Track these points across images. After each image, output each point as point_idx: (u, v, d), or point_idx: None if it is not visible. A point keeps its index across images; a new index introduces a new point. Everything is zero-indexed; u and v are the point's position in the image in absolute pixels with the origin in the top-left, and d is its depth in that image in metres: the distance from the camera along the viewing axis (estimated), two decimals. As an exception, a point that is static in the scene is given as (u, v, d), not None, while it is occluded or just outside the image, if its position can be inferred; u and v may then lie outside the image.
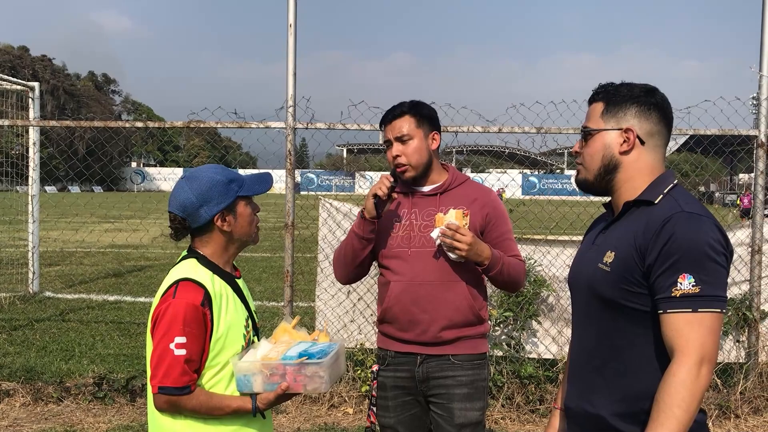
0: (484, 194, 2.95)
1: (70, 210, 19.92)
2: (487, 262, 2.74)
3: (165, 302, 2.12)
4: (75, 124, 5.88)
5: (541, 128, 5.45)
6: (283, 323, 2.39)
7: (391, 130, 2.88)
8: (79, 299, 10.05)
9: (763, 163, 5.32)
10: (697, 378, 1.68)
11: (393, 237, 2.88)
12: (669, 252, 1.74)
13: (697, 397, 1.67)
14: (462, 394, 2.81)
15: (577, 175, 2.05)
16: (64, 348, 7.06)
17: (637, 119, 1.93)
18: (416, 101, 2.95)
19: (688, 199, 1.85)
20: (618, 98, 1.96)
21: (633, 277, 1.81)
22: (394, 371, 2.89)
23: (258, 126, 5.51)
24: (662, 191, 1.88)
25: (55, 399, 5.42)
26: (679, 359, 1.70)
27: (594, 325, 1.95)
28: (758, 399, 5.26)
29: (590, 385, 1.95)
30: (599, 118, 1.97)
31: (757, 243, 5.31)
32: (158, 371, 2.07)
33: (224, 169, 2.30)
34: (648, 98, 1.94)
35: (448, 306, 2.78)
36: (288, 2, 5.28)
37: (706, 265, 1.72)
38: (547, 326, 5.50)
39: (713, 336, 1.71)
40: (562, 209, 6.85)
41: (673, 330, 1.72)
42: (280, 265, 13.34)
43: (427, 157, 2.87)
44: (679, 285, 1.72)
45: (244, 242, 2.33)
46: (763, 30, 5.26)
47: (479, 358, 2.89)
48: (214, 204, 2.20)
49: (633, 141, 1.92)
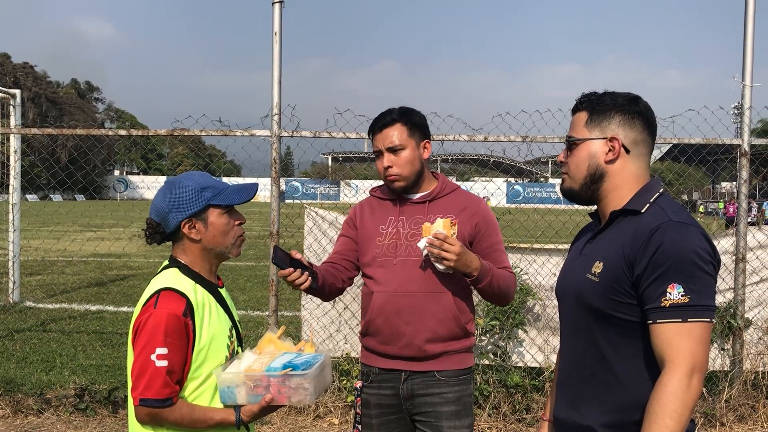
0: (474, 203, 2.85)
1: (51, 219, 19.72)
2: (476, 274, 2.61)
3: (146, 312, 2.07)
4: (57, 131, 5.81)
5: (526, 137, 5.46)
6: (268, 333, 2.34)
7: (381, 139, 2.77)
8: (61, 309, 9.92)
9: (746, 171, 5.36)
10: (688, 388, 1.67)
11: (378, 246, 2.79)
12: (658, 262, 1.73)
13: (688, 407, 1.67)
14: (450, 411, 2.72)
15: (563, 184, 2.04)
16: (44, 359, 6.95)
17: (621, 128, 1.92)
18: (406, 108, 2.84)
19: (675, 208, 1.84)
20: (602, 107, 1.95)
21: (622, 287, 1.80)
22: (378, 389, 2.81)
23: (243, 134, 5.47)
24: (648, 200, 1.87)
25: (36, 411, 5.32)
26: (669, 370, 1.69)
27: (583, 336, 1.94)
28: (743, 407, 5.27)
29: (580, 395, 1.94)
30: (583, 127, 1.97)
31: (741, 251, 5.34)
32: (139, 383, 2.03)
33: (202, 177, 2.25)
34: (632, 107, 1.94)
35: (433, 318, 2.69)
36: (273, 10, 5.26)
37: (695, 275, 1.72)
38: (533, 335, 5.49)
39: (703, 346, 1.70)
40: (548, 218, 6.86)
41: (663, 340, 1.72)
42: (265, 274, 13.30)
43: (419, 166, 2.79)
44: (668, 295, 1.71)
45: (220, 253, 2.25)
46: (745, 40, 5.32)
47: (465, 373, 2.80)
48: (182, 210, 2.16)
49: (618, 150, 1.91)
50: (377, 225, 2.84)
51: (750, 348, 5.45)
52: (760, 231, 5.53)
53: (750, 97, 5.34)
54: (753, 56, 5.32)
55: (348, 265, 2.91)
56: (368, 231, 2.85)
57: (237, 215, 2.28)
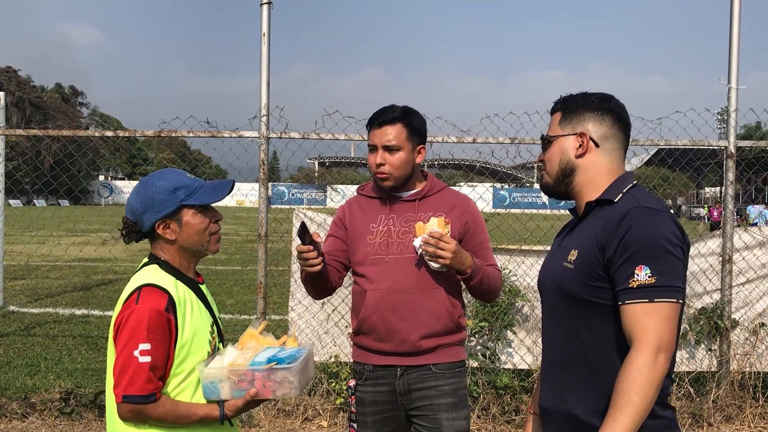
0: (463, 201, 2.90)
1: (36, 223, 19.55)
2: (470, 271, 2.68)
3: (128, 308, 2.06)
4: (43, 133, 5.75)
5: (515, 138, 5.47)
6: (250, 329, 2.33)
7: (379, 135, 2.76)
8: (45, 313, 9.83)
9: (732, 173, 5.40)
10: (654, 366, 1.72)
11: (369, 244, 2.79)
12: (626, 245, 1.79)
13: (655, 384, 1.71)
14: (447, 403, 2.74)
15: (541, 180, 2.15)
16: (29, 363, 6.88)
17: (591, 124, 2.02)
18: (409, 109, 2.84)
19: (647, 197, 1.92)
20: (573, 106, 2.06)
21: (595, 272, 1.87)
22: (373, 386, 2.80)
23: (231, 135, 5.44)
24: (621, 191, 1.95)
25: (20, 415, 5.26)
26: (636, 348, 1.74)
27: (563, 324, 1.99)
28: (730, 407, 5.30)
29: (563, 383, 1.98)
30: (557, 125, 2.07)
31: (727, 252, 5.37)
32: (122, 379, 2.00)
33: (176, 176, 2.21)
34: (602, 104, 2.03)
35: (428, 314, 2.71)
36: (262, 11, 5.25)
37: (662, 257, 1.77)
38: (522, 336, 5.49)
39: (670, 325, 1.76)
40: (536, 220, 6.88)
41: (631, 320, 1.77)
42: (252, 278, 13.24)
43: (410, 169, 2.80)
44: (635, 276, 1.77)
45: (196, 252, 2.24)
46: (731, 43, 5.36)
47: (459, 365, 2.83)
48: (155, 212, 2.14)
49: (587, 144, 2.01)
50: (368, 223, 2.84)
51: (737, 348, 5.48)
52: (747, 232, 5.58)
53: (736, 100, 5.38)
54: (738, 59, 5.37)
55: (338, 266, 2.90)
56: (358, 230, 2.85)
57: (213, 213, 2.25)
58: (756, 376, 5.44)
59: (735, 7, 5.34)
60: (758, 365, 5.47)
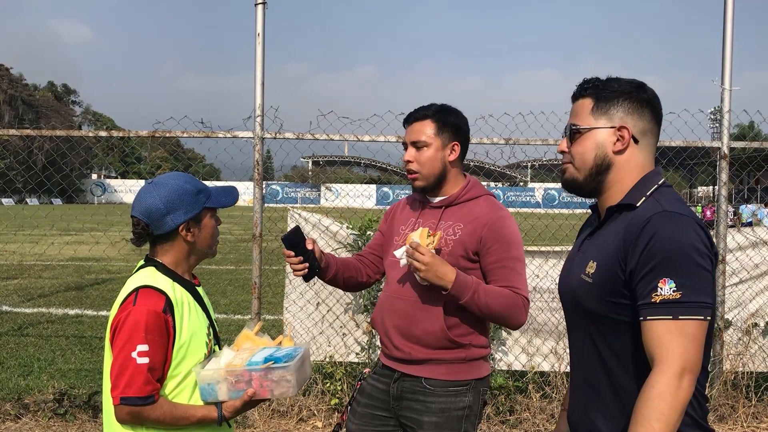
0: (487, 215, 2.66)
1: (29, 222, 19.47)
2: (449, 287, 2.48)
3: (125, 310, 2.05)
4: (36, 132, 5.73)
5: (509, 139, 5.48)
6: (245, 330, 2.34)
7: (410, 132, 2.73)
8: (38, 313, 9.78)
9: (726, 174, 5.42)
10: (678, 390, 1.56)
11: (394, 246, 2.78)
12: (649, 255, 1.63)
13: (677, 410, 1.57)
14: (431, 422, 2.63)
15: (564, 174, 1.92)
16: (22, 363, 6.85)
17: (630, 116, 1.82)
18: (445, 106, 2.75)
19: (672, 199, 1.75)
20: (608, 94, 1.84)
21: (616, 287, 1.72)
22: (375, 381, 2.83)
23: (225, 135, 5.43)
24: (645, 193, 1.78)
25: (13, 416, 5.23)
26: (658, 370, 1.59)
27: (583, 340, 1.87)
28: (723, 407, 5.33)
29: (589, 402, 1.87)
30: (589, 114, 1.85)
31: (720, 253, 5.40)
32: (120, 381, 2.00)
33: (192, 179, 2.26)
34: (640, 94, 1.84)
35: (417, 326, 2.64)
36: (256, 11, 5.23)
37: (689, 269, 1.60)
38: (516, 336, 5.50)
39: (696, 345, 1.60)
40: (530, 221, 6.88)
41: (652, 339, 1.61)
42: (246, 278, 13.23)
43: (440, 167, 2.69)
44: (659, 290, 1.61)
45: (204, 254, 2.29)
46: (724, 44, 5.38)
47: (458, 385, 2.65)
48: (182, 213, 2.16)
49: (628, 140, 1.82)
50: (399, 225, 2.85)
51: (730, 349, 5.51)
52: (740, 233, 5.60)
53: (729, 101, 5.40)
54: (732, 61, 5.39)
55: (375, 260, 2.94)
56: (393, 229, 2.87)
57: (217, 217, 2.33)
58: (749, 376, 5.47)
59: (728, 9, 5.36)
60: (751, 365, 5.50)
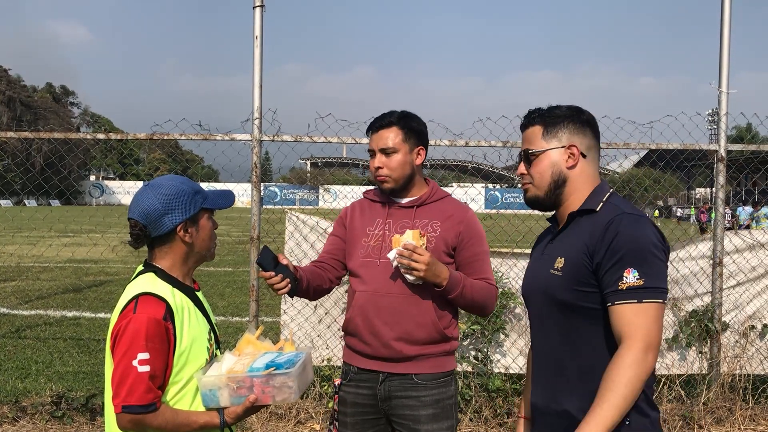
0: (461, 211, 2.87)
1: (27, 224, 19.45)
2: (445, 284, 2.64)
3: (125, 318, 2.04)
4: (34, 135, 5.72)
5: (507, 142, 5.49)
6: (247, 334, 2.33)
7: (377, 139, 2.82)
8: (36, 315, 9.78)
9: (723, 176, 5.44)
10: (644, 362, 1.81)
11: (364, 246, 2.84)
12: (614, 249, 1.89)
13: (641, 379, 1.81)
14: (428, 414, 2.73)
15: (527, 194, 2.18)
16: (20, 366, 6.84)
17: (575, 136, 2.10)
18: (406, 113, 2.89)
19: (626, 204, 2.04)
20: (554, 119, 2.12)
21: (584, 277, 1.95)
22: (356, 388, 2.83)
23: (223, 138, 5.44)
24: (602, 200, 2.06)
25: (10, 419, 5.23)
26: (626, 345, 1.83)
27: (552, 330, 2.07)
28: (720, 409, 5.33)
29: (556, 387, 2.05)
30: (540, 139, 2.13)
31: (718, 256, 5.41)
32: (121, 389, 1.99)
33: (189, 181, 2.27)
34: (580, 116, 2.13)
35: (410, 320, 2.71)
36: (254, 14, 5.24)
37: (649, 260, 1.88)
38: (513, 339, 5.51)
39: (657, 324, 1.86)
40: (528, 223, 6.89)
41: (621, 319, 1.86)
42: (244, 280, 13.23)
43: (409, 171, 2.83)
44: (624, 279, 1.86)
45: (203, 256, 2.29)
46: (721, 48, 5.39)
47: (444, 376, 2.80)
48: (179, 213, 2.16)
49: (578, 156, 2.10)
50: (365, 226, 2.89)
51: (727, 351, 5.51)
52: (737, 235, 5.61)
53: (726, 104, 5.42)
54: (729, 64, 5.41)
55: (336, 264, 2.96)
56: (356, 231, 2.90)
57: (214, 220, 2.33)
58: (746, 379, 5.48)
59: (725, 13, 5.37)
60: (748, 367, 5.51)
